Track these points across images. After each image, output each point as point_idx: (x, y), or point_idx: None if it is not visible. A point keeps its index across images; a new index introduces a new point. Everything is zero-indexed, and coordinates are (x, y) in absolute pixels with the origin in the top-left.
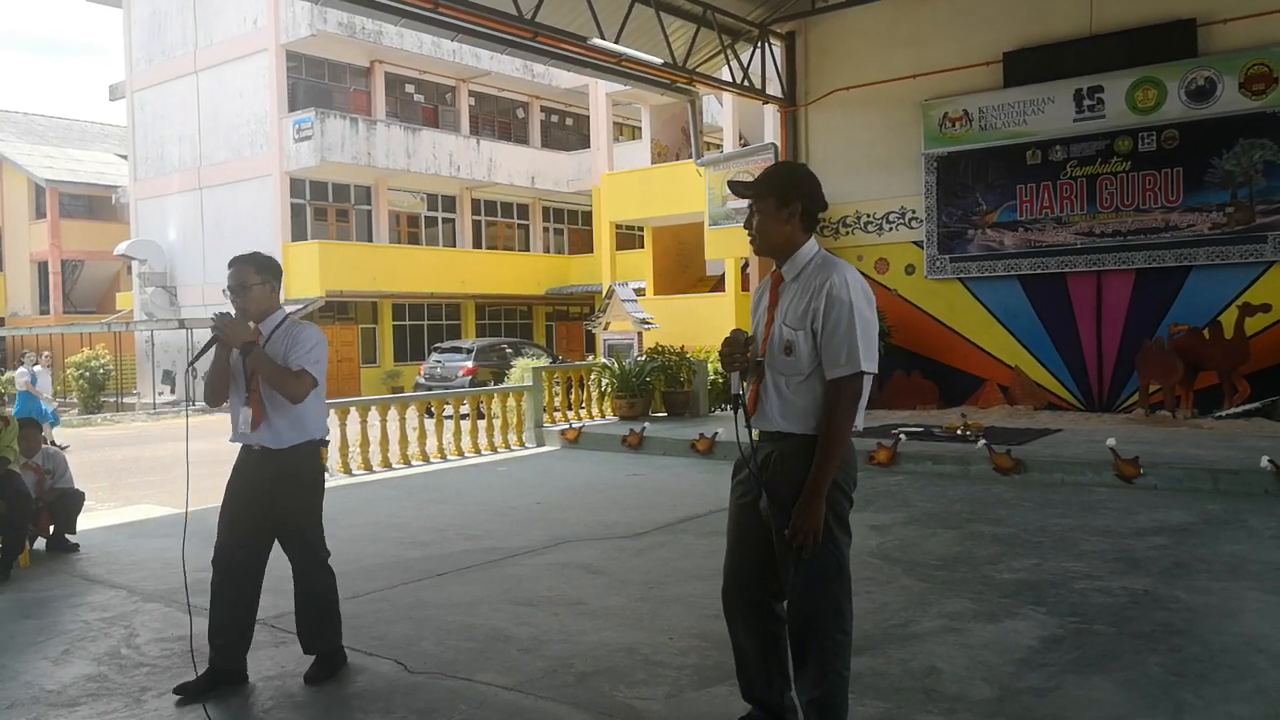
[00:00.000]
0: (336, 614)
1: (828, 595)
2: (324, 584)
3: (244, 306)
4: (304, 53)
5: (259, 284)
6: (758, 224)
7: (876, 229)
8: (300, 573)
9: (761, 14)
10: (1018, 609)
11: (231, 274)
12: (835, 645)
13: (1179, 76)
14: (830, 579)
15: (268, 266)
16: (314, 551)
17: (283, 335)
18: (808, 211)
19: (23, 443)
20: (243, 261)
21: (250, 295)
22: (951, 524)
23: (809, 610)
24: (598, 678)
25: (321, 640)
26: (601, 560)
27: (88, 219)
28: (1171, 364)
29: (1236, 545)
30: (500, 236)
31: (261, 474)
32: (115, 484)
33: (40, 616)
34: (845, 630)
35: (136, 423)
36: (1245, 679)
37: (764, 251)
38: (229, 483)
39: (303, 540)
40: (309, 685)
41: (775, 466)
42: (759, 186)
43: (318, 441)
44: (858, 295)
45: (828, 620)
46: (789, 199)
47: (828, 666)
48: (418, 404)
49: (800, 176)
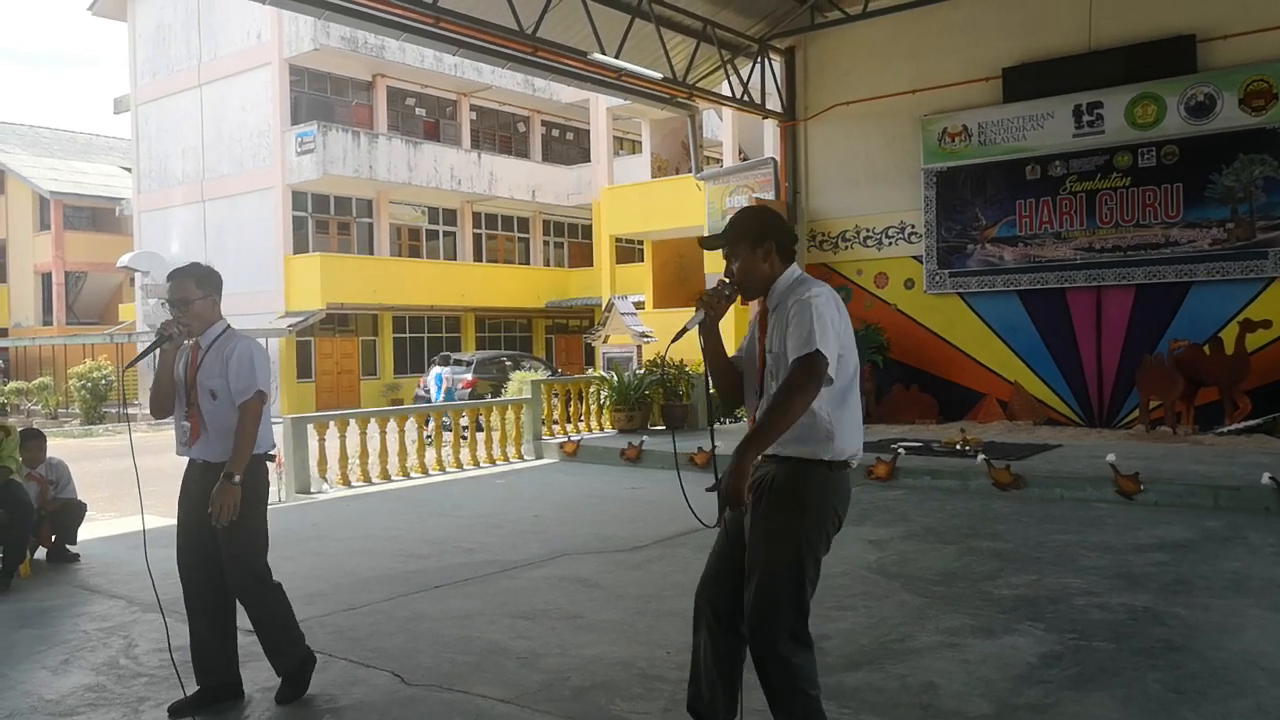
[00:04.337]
0: (289, 626)
1: (779, 618)
2: (267, 601)
3: (185, 321)
4: (307, 67)
5: (200, 298)
6: (739, 269)
7: (876, 243)
8: (233, 588)
9: (761, 29)
10: (1016, 625)
11: (172, 287)
12: (793, 669)
13: (1179, 92)
14: (784, 603)
15: (209, 280)
16: (252, 570)
17: (217, 350)
18: (781, 245)
19: (27, 454)
20: (183, 274)
21: (192, 310)
22: (950, 539)
23: (756, 625)
24: (594, 691)
25: (280, 657)
26: (599, 574)
27: (91, 231)
28: (1172, 380)
29: (1237, 562)
30: (500, 250)
31: (204, 487)
32: (115, 494)
33: (40, 626)
34: (800, 652)
35: (137, 434)
36: (1245, 696)
37: (751, 294)
38: (179, 497)
39: (236, 555)
40: (280, 706)
41: (769, 486)
42: (730, 235)
43: (261, 456)
44: (821, 301)
45: (779, 641)
46: (762, 239)
47: (789, 687)
48: (416, 416)
49: (767, 215)
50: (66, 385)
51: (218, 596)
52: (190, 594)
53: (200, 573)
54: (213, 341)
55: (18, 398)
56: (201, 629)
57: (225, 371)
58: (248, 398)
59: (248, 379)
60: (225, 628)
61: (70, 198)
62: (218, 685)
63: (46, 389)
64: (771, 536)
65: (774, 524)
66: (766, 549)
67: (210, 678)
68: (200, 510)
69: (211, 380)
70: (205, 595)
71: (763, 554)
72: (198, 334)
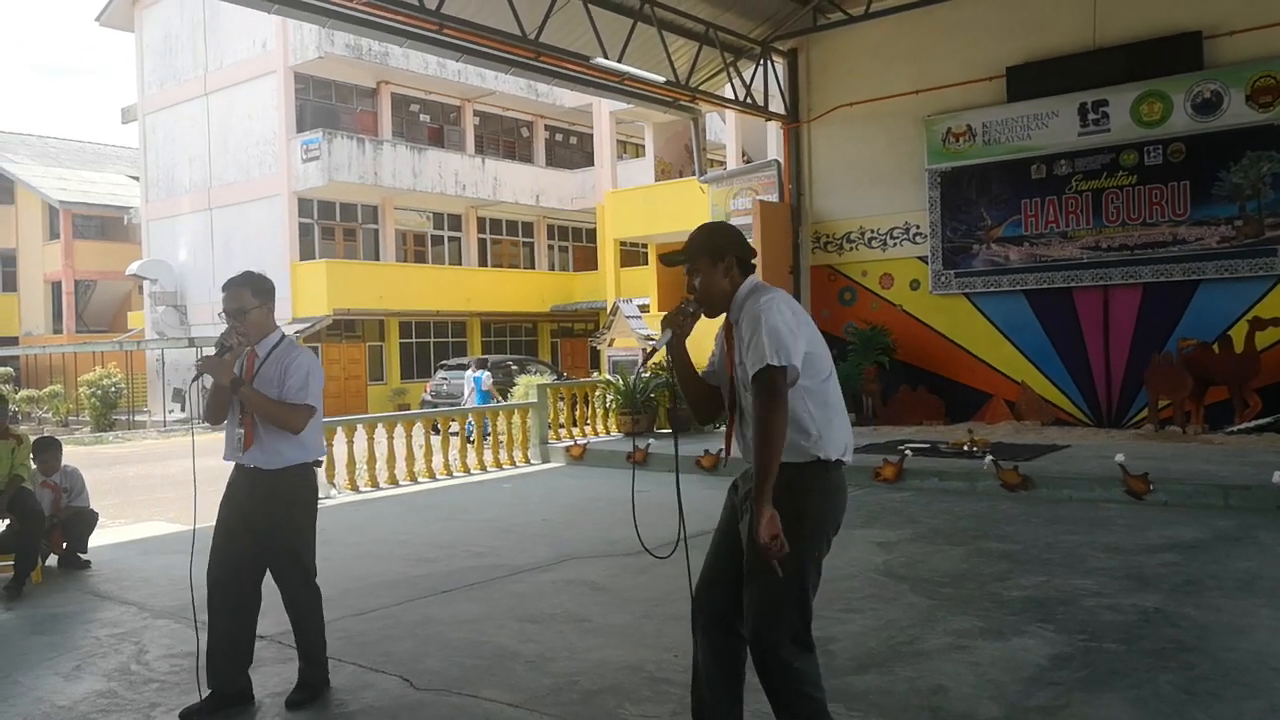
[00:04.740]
0: (321, 634)
1: (781, 623)
2: (309, 602)
3: (244, 331)
4: (311, 74)
5: (256, 307)
6: (700, 285)
7: (881, 244)
8: (286, 592)
9: (763, 32)
10: (1026, 626)
11: (227, 297)
12: (795, 673)
13: (1184, 89)
14: (786, 606)
15: (263, 288)
16: (304, 570)
17: (276, 360)
18: (741, 259)
19: (42, 462)
20: (239, 284)
21: (249, 319)
22: (959, 541)
23: (757, 630)
24: (603, 695)
25: (314, 666)
26: (607, 577)
27: (100, 240)
28: (1181, 379)
29: (1248, 561)
30: (505, 254)
31: (252, 494)
32: (125, 501)
33: (52, 632)
34: (802, 656)
35: (147, 440)
36: (1258, 697)
37: (714, 310)
38: (221, 501)
39: (294, 559)
40: (291, 711)
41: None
42: (689, 251)
43: (311, 463)
44: (770, 309)
45: (780, 646)
46: (722, 254)
47: (792, 691)
48: (424, 421)
49: (724, 231)
50: (77, 393)
51: (245, 599)
52: (217, 595)
53: (234, 575)
54: (270, 350)
55: (29, 406)
56: (222, 631)
57: (283, 382)
58: (299, 403)
59: (301, 394)
60: (245, 638)
61: (79, 207)
62: (231, 692)
63: (57, 397)
64: None
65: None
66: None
67: (224, 683)
68: (244, 514)
69: (268, 388)
70: (234, 603)
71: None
72: (254, 342)
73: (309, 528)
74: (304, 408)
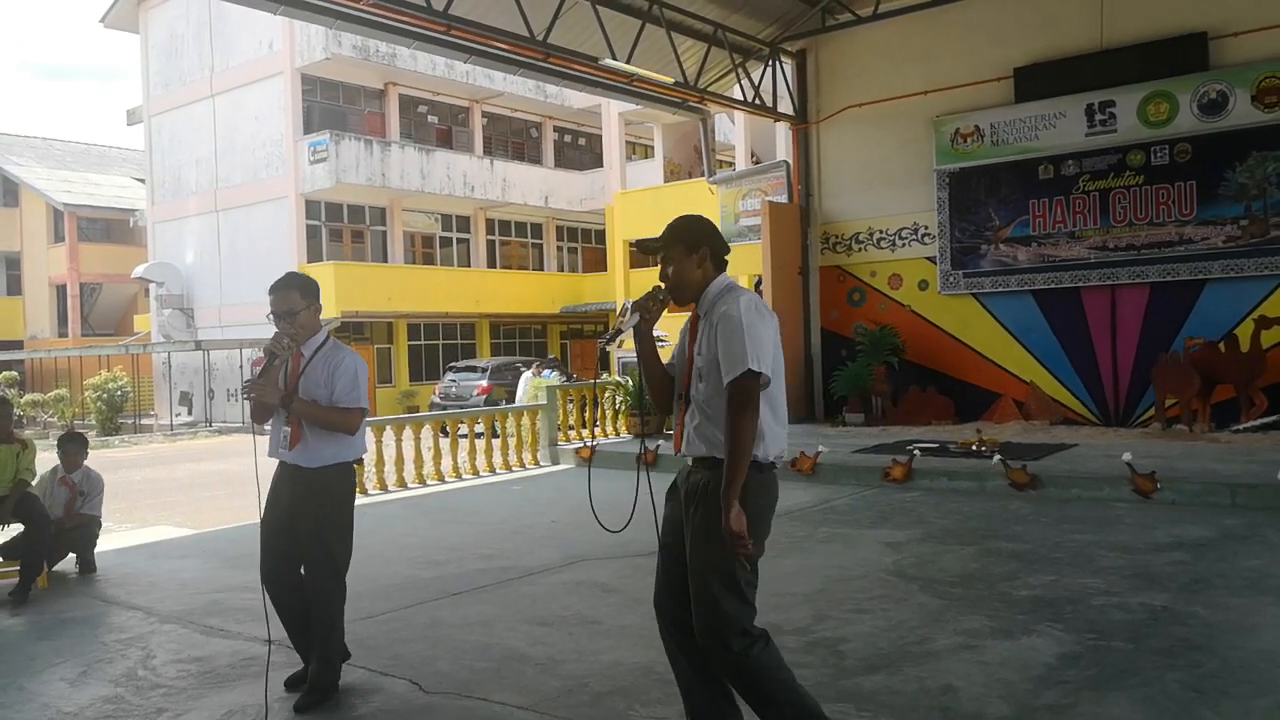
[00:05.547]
0: (340, 631)
1: (725, 617)
2: (333, 595)
3: (293, 334)
4: (319, 76)
5: (305, 308)
6: (673, 273)
7: (889, 245)
8: (314, 584)
9: (772, 32)
10: (1035, 626)
11: (276, 299)
12: (752, 662)
13: (1191, 90)
14: (727, 600)
15: (311, 289)
16: (335, 565)
17: (323, 360)
18: (715, 253)
19: (65, 456)
20: (286, 286)
21: (298, 320)
22: (968, 540)
23: (704, 629)
24: (613, 697)
25: (326, 667)
26: (616, 579)
27: (105, 242)
28: (1188, 378)
29: (1256, 560)
30: (514, 256)
31: (293, 490)
32: (132, 505)
33: (58, 638)
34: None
35: (154, 444)
36: (1266, 695)
37: (684, 299)
38: (268, 499)
39: (326, 552)
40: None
41: (703, 492)
42: (665, 239)
43: (351, 462)
44: (748, 312)
45: (730, 639)
46: (697, 244)
47: (756, 679)
48: (433, 423)
49: (701, 223)
50: (82, 396)
51: (294, 593)
52: (273, 592)
53: (283, 568)
54: (316, 350)
55: (34, 410)
56: (288, 621)
57: (331, 383)
58: (351, 407)
59: (353, 396)
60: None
61: (84, 210)
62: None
63: (62, 400)
64: (710, 540)
65: (711, 528)
66: (705, 553)
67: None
68: (288, 512)
69: (315, 390)
70: (285, 589)
71: (703, 559)
72: (302, 343)
73: (346, 524)
74: (356, 410)
